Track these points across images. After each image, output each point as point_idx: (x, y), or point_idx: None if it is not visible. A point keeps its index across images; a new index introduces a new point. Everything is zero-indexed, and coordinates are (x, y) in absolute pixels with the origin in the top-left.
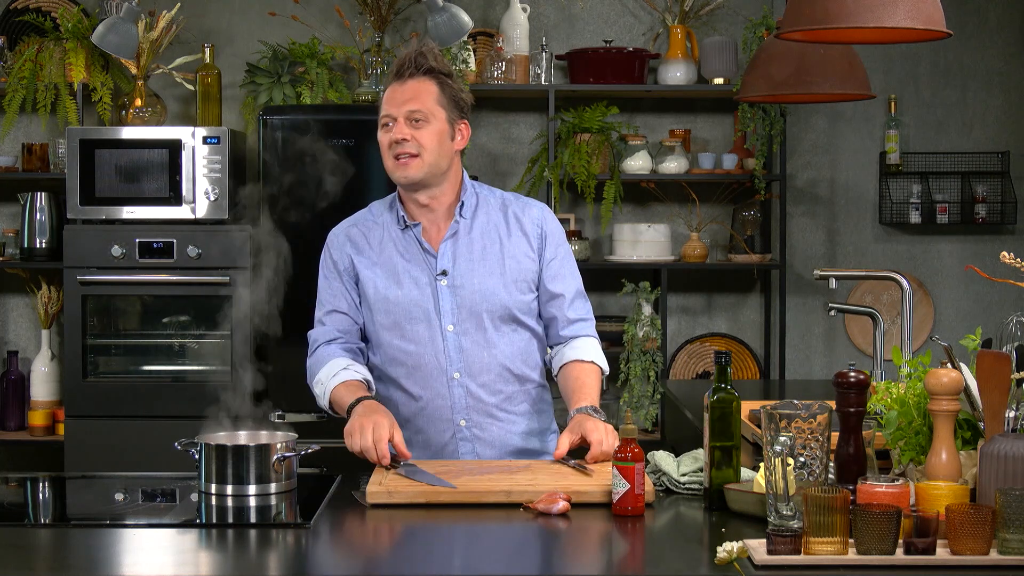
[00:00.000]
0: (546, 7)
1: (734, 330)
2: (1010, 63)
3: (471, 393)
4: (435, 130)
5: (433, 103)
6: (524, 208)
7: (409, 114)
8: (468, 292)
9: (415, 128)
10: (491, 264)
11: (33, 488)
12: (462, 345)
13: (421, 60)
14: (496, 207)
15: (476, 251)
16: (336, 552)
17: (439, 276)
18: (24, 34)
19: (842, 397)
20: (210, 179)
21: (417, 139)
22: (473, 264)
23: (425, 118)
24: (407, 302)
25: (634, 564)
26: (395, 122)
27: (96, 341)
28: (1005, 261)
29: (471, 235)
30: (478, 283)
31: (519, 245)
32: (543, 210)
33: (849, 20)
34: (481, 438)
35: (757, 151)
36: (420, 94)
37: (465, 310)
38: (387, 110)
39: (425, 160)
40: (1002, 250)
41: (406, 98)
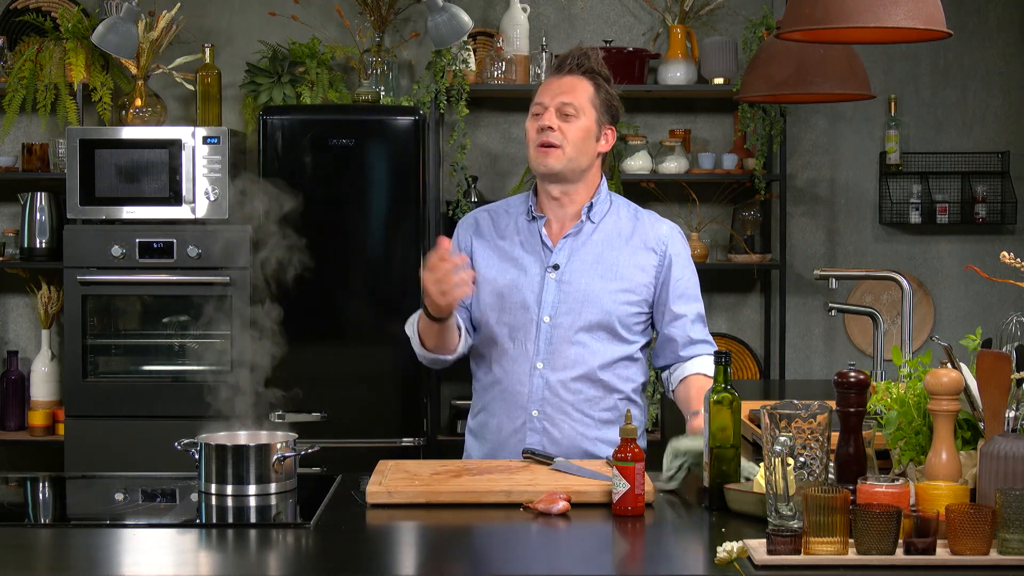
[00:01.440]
0: (546, 7)
1: (734, 330)
2: (1010, 63)
3: (549, 386)
4: (582, 126)
5: (586, 100)
6: (654, 223)
7: (561, 106)
8: (573, 290)
9: (564, 120)
10: (603, 269)
11: (33, 488)
12: (552, 338)
13: (583, 59)
14: (627, 217)
15: (592, 253)
16: (336, 552)
17: (550, 269)
18: (24, 34)
19: (842, 397)
20: (210, 179)
21: (563, 131)
22: (585, 265)
23: (575, 112)
24: (513, 287)
25: (634, 564)
26: (545, 111)
27: (96, 341)
28: (1005, 261)
29: (592, 238)
30: (585, 284)
31: (636, 258)
32: (672, 229)
33: (849, 20)
34: (550, 433)
35: (757, 151)
36: (575, 89)
37: (565, 306)
38: (540, 99)
39: (567, 153)
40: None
41: (562, 90)
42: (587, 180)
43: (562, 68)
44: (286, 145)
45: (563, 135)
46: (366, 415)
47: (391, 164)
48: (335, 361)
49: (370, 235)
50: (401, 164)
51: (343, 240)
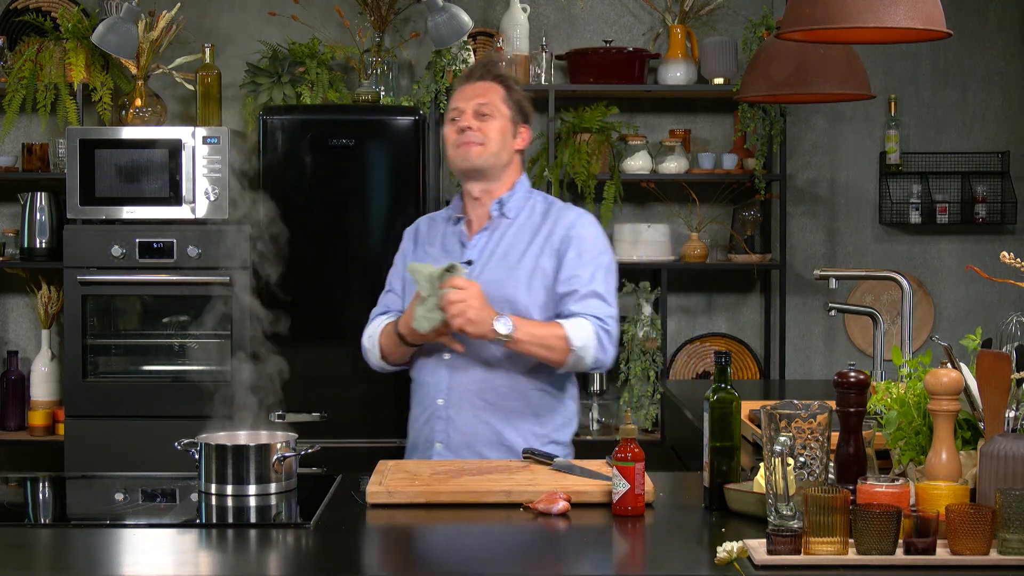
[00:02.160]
0: (546, 7)
1: (734, 330)
2: (1010, 63)
3: (453, 376)
4: (499, 125)
5: (499, 101)
6: (562, 212)
7: (477, 107)
8: (481, 283)
9: (481, 120)
10: (511, 260)
11: (33, 488)
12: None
13: (491, 66)
14: (540, 211)
15: (503, 247)
16: (336, 552)
17: (464, 265)
18: (24, 34)
19: (842, 397)
20: (210, 179)
21: (483, 130)
22: (496, 258)
23: (491, 112)
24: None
25: (634, 564)
26: (462, 114)
27: (96, 341)
28: (1005, 261)
29: (506, 232)
30: (491, 275)
31: (543, 246)
32: (580, 216)
33: (849, 20)
34: (455, 422)
35: (757, 151)
36: (488, 92)
37: None
38: (455, 104)
39: (488, 148)
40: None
41: (476, 94)
42: (506, 178)
43: (472, 75)
44: (286, 145)
45: (483, 133)
46: (366, 415)
47: (391, 164)
48: (335, 361)
49: (370, 235)
50: (401, 164)
51: (343, 240)
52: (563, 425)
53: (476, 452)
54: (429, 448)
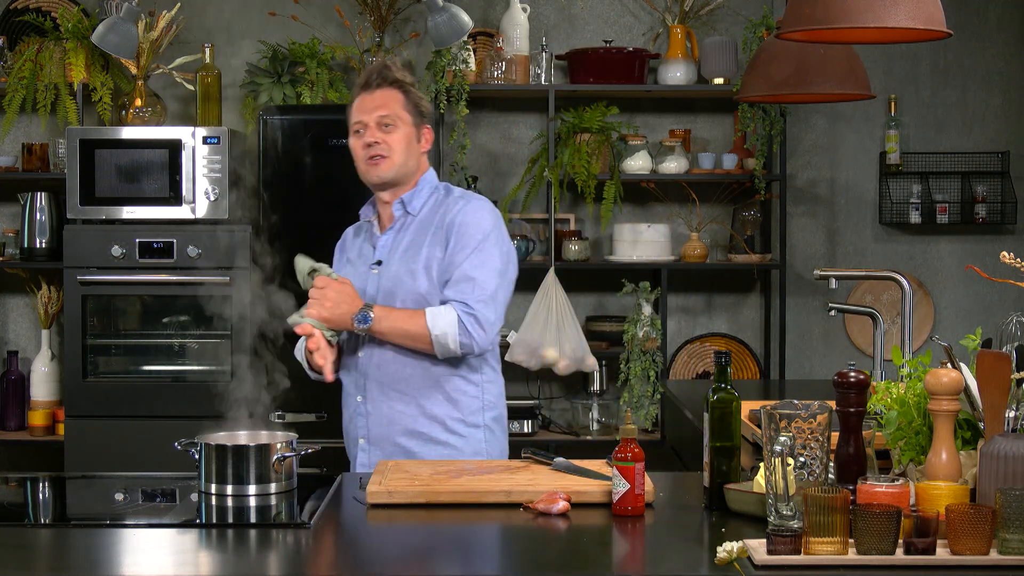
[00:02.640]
0: (546, 7)
1: (734, 330)
2: (1010, 63)
3: (365, 371)
4: (403, 134)
5: (400, 109)
6: (453, 203)
7: (380, 119)
8: (386, 278)
9: (385, 132)
10: (411, 255)
11: (33, 488)
12: None
13: (387, 72)
14: (440, 203)
15: (406, 242)
16: (336, 552)
17: (373, 265)
18: (24, 34)
19: (842, 397)
20: (210, 179)
21: (388, 142)
22: (398, 254)
23: (394, 123)
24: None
25: (634, 564)
26: (366, 128)
27: (96, 341)
28: (1005, 261)
29: (408, 229)
30: (395, 270)
31: (436, 236)
32: (467, 204)
33: (849, 20)
34: (373, 415)
35: (757, 151)
36: (388, 101)
37: (383, 295)
38: (358, 117)
39: (395, 161)
40: (1002, 250)
41: (376, 105)
42: (415, 181)
43: (369, 84)
44: (286, 145)
45: (388, 146)
46: None
47: None
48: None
49: None
50: None
51: None
52: (481, 408)
53: (393, 443)
54: (355, 445)
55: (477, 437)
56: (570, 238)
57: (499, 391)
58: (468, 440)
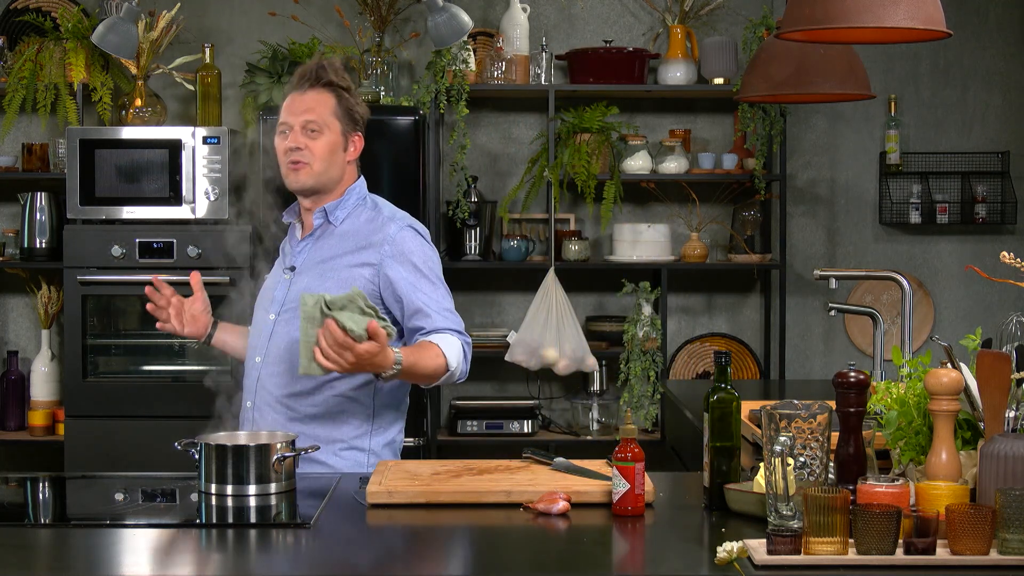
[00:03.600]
0: (546, 7)
1: (734, 330)
2: (1010, 63)
3: (260, 379)
4: (327, 141)
5: (329, 115)
6: (383, 224)
7: (305, 124)
8: (296, 288)
9: (309, 138)
10: (325, 268)
11: (33, 488)
12: (273, 334)
13: (321, 73)
14: (366, 218)
15: (322, 253)
16: (336, 552)
17: (287, 271)
18: (24, 34)
19: (842, 397)
20: (210, 179)
21: (310, 148)
22: (312, 265)
23: (319, 128)
24: (265, 290)
25: (634, 564)
26: (291, 130)
27: (96, 341)
28: (1005, 261)
29: (328, 239)
30: (305, 283)
31: (358, 255)
32: (400, 230)
33: (849, 20)
34: (258, 423)
35: (757, 151)
36: (317, 105)
37: (289, 303)
38: (285, 118)
39: (315, 169)
40: (1002, 250)
41: (304, 108)
42: (340, 189)
43: (302, 84)
44: None
45: (311, 152)
46: None
47: (391, 164)
48: None
49: None
50: (401, 164)
51: None
52: (366, 433)
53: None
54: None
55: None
56: (570, 238)
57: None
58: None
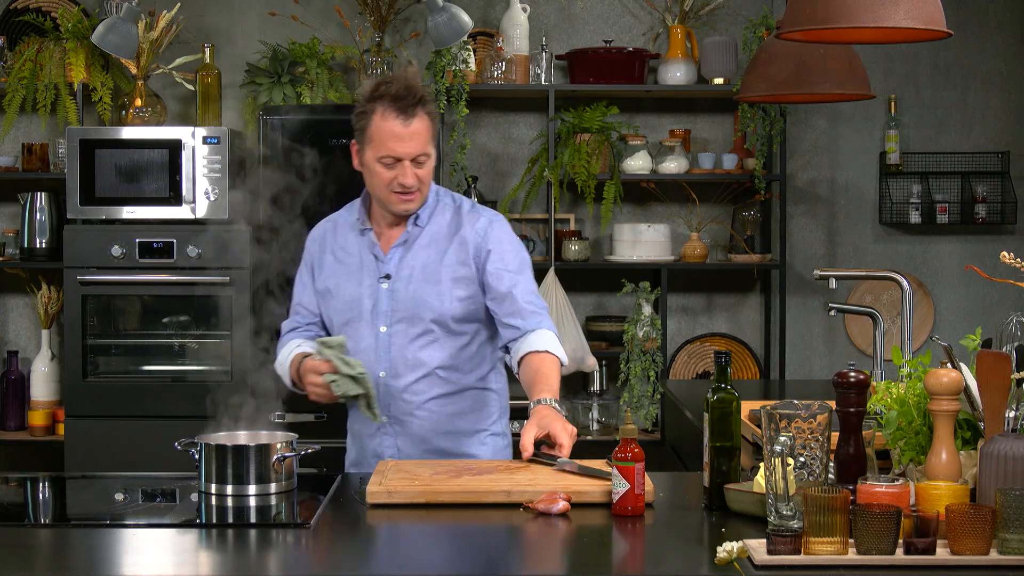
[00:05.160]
0: (546, 7)
1: (734, 330)
2: (1010, 63)
3: (393, 393)
4: (431, 164)
5: (431, 139)
6: (473, 219)
7: (415, 158)
8: (404, 297)
9: (419, 167)
10: (429, 272)
11: (33, 488)
12: (391, 346)
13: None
14: (449, 215)
15: (419, 258)
16: (336, 552)
17: (382, 279)
18: (24, 34)
19: (842, 397)
20: (210, 179)
21: (419, 177)
22: (413, 271)
23: (428, 156)
24: (352, 301)
25: (634, 564)
26: (400, 164)
27: (96, 341)
28: (1005, 261)
29: (419, 242)
30: (414, 289)
31: (458, 254)
32: (491, 222)
33: (849, 20)
34: (403, 434)
35: (757, 151)
36: (421, 134)
37: (399, 314)
38: (392, 151)
39: (424, 193)
40: (1002, 250)
41: (412, 141)
42: None
43: (406, 110)
44: (286, 145)
45: (420, 181)
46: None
47: None
48: None
49: None
50: None
51: None
52: (500, 418)
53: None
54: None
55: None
56: (570, 238)
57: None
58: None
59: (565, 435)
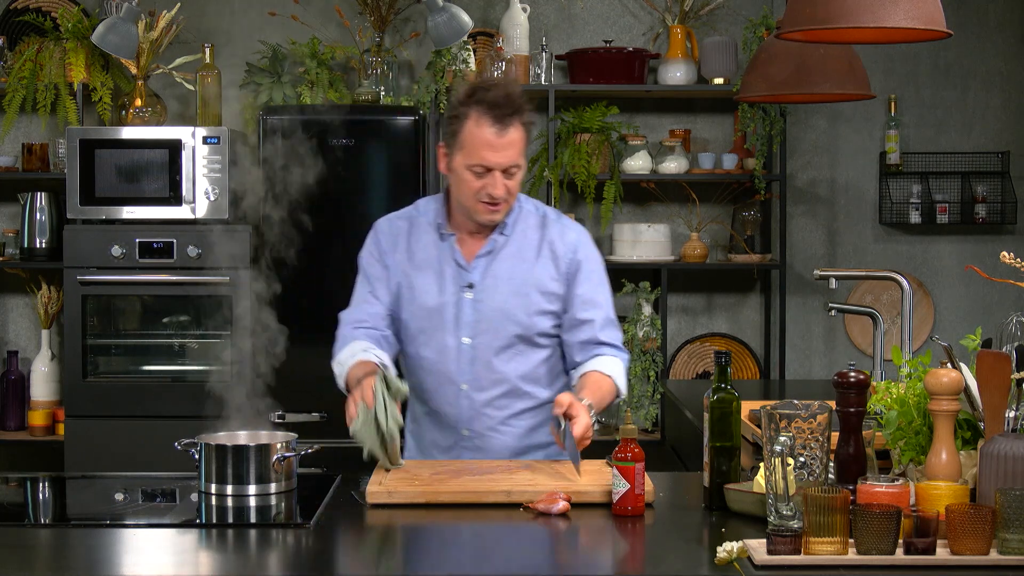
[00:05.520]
0: (546, 7)
1: (734, 330)
2: (1010, 63)
3: (476, 406)
4: (521, 177)
5: (523, 151)
6: (561, 232)
7: (507, 168)
8: (489, 308)
9: (509, 179)
10: (517, 284)
11: (33, 488)
12: (474, 358)
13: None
14: (534, 225)
15: (505, 269)
16: (336, 552)
17: (465, 289)
18: (24, 34)
19: (842, 397)
20: (210, 179)
21: (508, 188)
22: (499, 282)
23: (519, 167)
24: (433, 309)
25: (634, 564)
26: (491, 174)
27: (96, 341)
28: (1005, 261)
29: (504, 251)
30: (500, 301)
31: (547, 269)
32: (580, 235)
33: (849, 20)
34: (483, 448)
35: (757, 151)
36: (515, 145)
37: (483, 325)
38: (484, 159)
39: (510, 204)
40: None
41: (505, 151)
42: None
43: (503, 119)
44: (286, 145)
45: (509, 192)
46: None
47: (391, 164)
48: None
49: None
50: (401, 164)
51: (343, 240)
52: None
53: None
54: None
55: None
56: None
57: None
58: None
59: (585, 414)
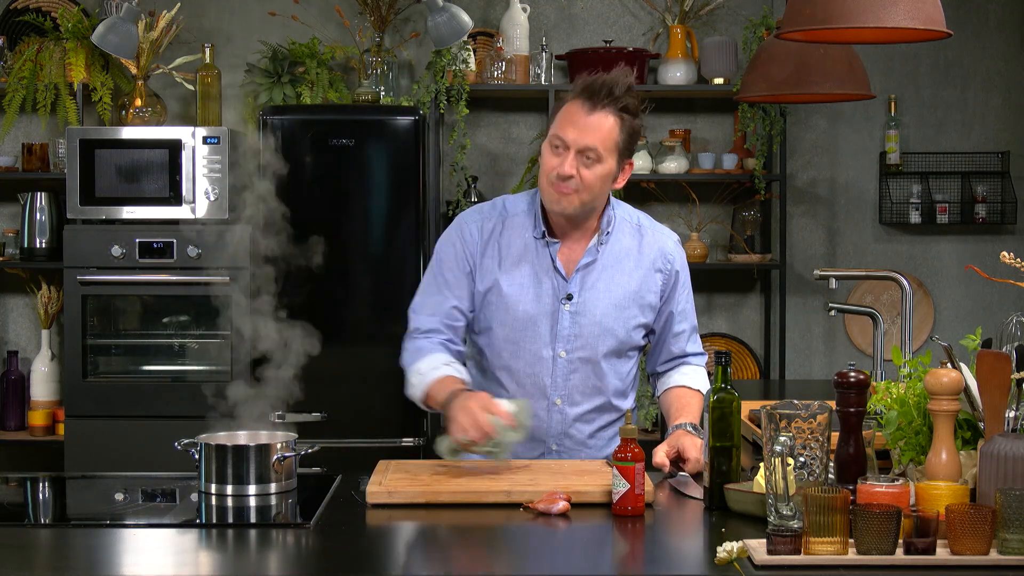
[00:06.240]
0: (546, 7)
1: (734, 330)
2: (1010, 63)
3: (567, 421)
4: (602, 172)
5: (611, 143)
6: (658, 240)
7: (583, 149)
8: (588, 322)
9: (584, 165)
10: (616, 297)
11: (33, 488)
12: (569, 372)
13: (612, 91)
14: (630, 233)
15: (604, 281)
16: (336, 552)
17: (564, 300)
18: (24, 34)
19: (842, 397)
20: (210, 179)
21: (583, 178)
22: (598, 294)
23: (597, 158)
24: (528, 318)
25: (634, 564)
26: (567, 151)
27: (96, 341)
28: (1005, 261)
29: (602, 262)
30: (600, 315)
31: (646, 282)
32: (677, 245)
33: (849, 20)
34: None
35: (757, 151)
36: (599, 130)
37: (581, 339)
38: (563, 133)
39: (583, 199)
40: (1002, 250)
41: (587, 130)
42: (599, 210)
43: (595, 101)
44: (286, 145)
45: (581, 181)
46: (366, 415)
47: (391, 164)
48: (335, 361)
49: (370, 235)
50: (401, 164)
51: (343, 240)
52: None
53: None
54: None
55: None
56: None
57: None
58: None
59: (694, 449)
